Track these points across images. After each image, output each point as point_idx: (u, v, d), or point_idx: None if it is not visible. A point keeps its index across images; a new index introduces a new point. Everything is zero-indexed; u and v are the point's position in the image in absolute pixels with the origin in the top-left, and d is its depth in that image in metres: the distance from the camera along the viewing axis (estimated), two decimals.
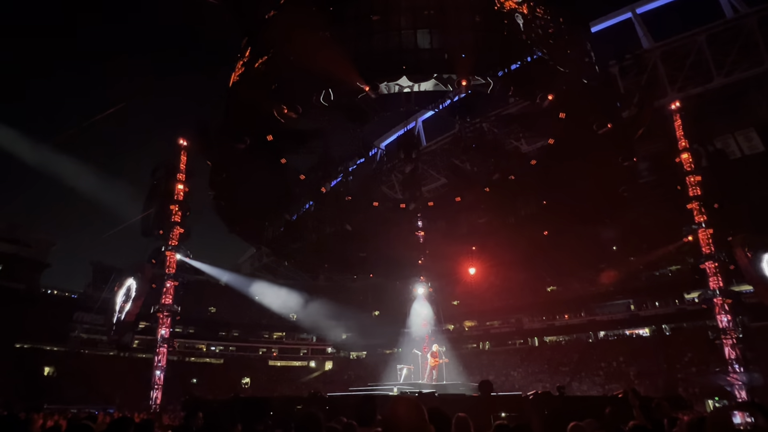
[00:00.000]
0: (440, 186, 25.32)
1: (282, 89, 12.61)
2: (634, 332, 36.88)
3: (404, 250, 22.47)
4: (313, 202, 20.73)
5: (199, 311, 40.91)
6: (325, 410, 2.92)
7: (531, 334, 41.50)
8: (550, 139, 15.91)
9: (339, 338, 47.46)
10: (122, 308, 20.77)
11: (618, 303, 37.74)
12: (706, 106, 25.08)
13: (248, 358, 45.47)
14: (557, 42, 12.66)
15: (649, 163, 23.11)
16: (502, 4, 12.08)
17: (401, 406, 1.97)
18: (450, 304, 38.43)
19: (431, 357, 18.87)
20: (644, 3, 27.68)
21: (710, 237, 18.67)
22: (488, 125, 14.64)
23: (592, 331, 38.24)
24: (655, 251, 27.08)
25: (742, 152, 27.92)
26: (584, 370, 33.60)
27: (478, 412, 8.81)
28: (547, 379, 32.36)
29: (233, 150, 14.93)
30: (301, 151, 16.49)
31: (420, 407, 1.99)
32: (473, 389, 15.26)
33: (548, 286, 40.71)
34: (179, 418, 14.34)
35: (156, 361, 19.64)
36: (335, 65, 11.83)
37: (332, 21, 12.54)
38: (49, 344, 35.80)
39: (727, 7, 24.98)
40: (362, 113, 16.09)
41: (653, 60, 25.64)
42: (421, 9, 12.27)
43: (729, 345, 17.55)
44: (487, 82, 11.99)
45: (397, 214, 21.50)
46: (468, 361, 35.52)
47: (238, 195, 17.74)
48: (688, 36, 25.38)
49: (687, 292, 32.49)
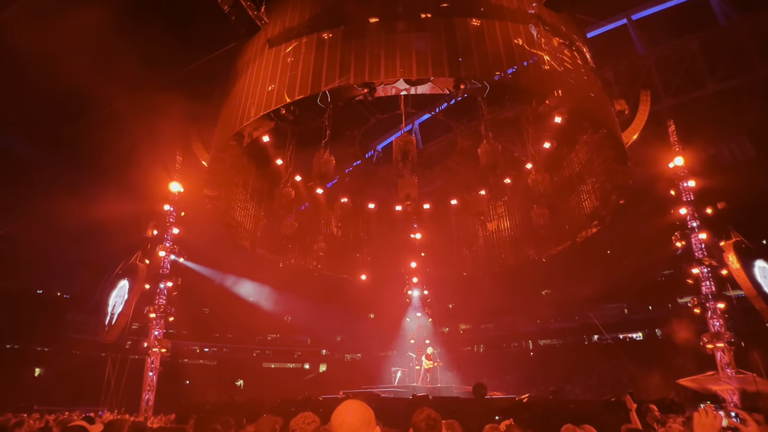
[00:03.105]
0: (436, 189, 25.37)
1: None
2: (627, 336, 37.10)
3: (399, 253, 22.50)
4: (309, 203, 20.72)
5: (192, 312, 40.63)
6: (319, 413, 2.91)
7: (525, 337, 41.59)
8: (546, 144, 16.01)
9: (333, 340, 47.36)
10: (115, 309, 20.59)
11: (612, 307, 37.96)
12: (700, 113, 25.34)
13: (242, 359, 45.18)
14: (556, 47, 12.77)
15: (643, 168, 23.31)
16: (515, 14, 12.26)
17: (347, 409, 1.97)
18: (445, 306, 38.45)
19: (425, 359, 18.88)
20: (639, 9, 27.93)
21: (703, 242, 18.83)
22: (484, 129, 14.71)
23: (585, 334, 38.42)
24: (648, 255, 27.27)
25: (735, 158, 28.24)
26: (578, 373, 33.72)
27: (471, 415, 8.82)
28: (541, 382, 32.44)
29: (230, 150, 14.90)
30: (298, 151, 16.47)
31: (364, 410, 1.98)
32: (467, 392, 15.28)
33: (542, 290, 40.87)
34: (171, 420, 14.23)
35: (149, 363, 19.48)
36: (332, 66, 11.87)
37: (332, 23, 12.59)
38: (39, 345, 35.44)
39: (720, 15, 25.26)
40: (359, 116, 16.13)
41: (648, 66, 25.87)
42: (418, 12, 12.34)
43: (721, 349, 17.68)
44: (484, 86, 12.04)
45: (393, 216, 21.54)
46: (462, 364, 35.57)
47: (233, 195, 17.70)
48: (682, 42, 25.63)
49: (680, 297, 32.75)
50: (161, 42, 17.99)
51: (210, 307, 44.39)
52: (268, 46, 13.56)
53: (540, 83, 12.35)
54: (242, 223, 18.56)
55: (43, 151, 29.96)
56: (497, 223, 21.61)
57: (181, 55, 18.92)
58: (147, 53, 18.27)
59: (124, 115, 20.39)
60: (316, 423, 2.99)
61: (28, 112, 23.42)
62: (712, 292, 18.34)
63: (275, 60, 13.09)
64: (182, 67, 19.29)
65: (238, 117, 13.39)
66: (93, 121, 21.74)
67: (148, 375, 19.25)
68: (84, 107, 21.45)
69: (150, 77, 17.51)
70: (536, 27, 12.64)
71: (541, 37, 12.60)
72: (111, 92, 17.74)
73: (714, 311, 18.12)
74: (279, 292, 37.12)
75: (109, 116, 20.78)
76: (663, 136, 20.41)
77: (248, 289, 35.71)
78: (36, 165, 31.39)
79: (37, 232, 35.57)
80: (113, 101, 18.95)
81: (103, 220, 22.54)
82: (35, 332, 34.65)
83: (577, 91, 12.95)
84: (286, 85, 12.31)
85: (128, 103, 19.32)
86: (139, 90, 18.01)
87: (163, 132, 18.03)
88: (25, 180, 32.79)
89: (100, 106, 20.05)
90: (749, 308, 19.35)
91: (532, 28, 12.47)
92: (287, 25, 13.53)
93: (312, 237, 21.14)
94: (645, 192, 22.99)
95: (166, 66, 19.29)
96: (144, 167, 20.84)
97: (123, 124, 21.21)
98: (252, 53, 14.28)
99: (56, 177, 30.30)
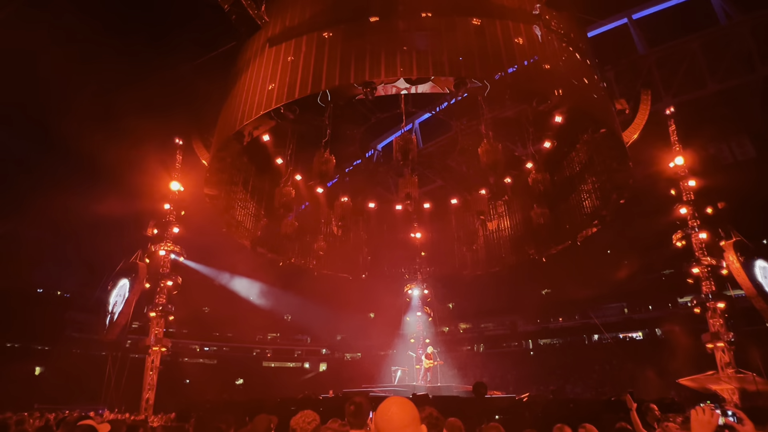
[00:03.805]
0: (436, 188, 25.38)
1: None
2: (627, 335, 37.10)
3: (399, 252, 22.50)
4: (309, 203, 20.72)
5: (192, 311, 40.63)
6: (319, 412, 2.92)
7: (525, 336, 41.60)
8: (546, 144, 16.00)
9: (333, 340, 47.38)
10: (115, 308, 20.59)
11: (612, 306, 37.97)
12: (700, 112, 25.35)
13: (242, 358, 45.21)
14: (556, 46, 12.75)
15: (643, 168, 23.31)
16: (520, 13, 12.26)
17: (393, 405, 1.88)
18: (445, 306, 38.47)
19: (426, 359, 18.88)
20: (640, 9, 27.91)
21: (703, 242, 18.82)
22: (485, 128, 14.70)
23: (585, 334, 38.43)
24: (648, 255, 27.27)
25: (735, 158, 28.24)
26: (578, 372, 33.73)
27: (471, 414, 8.82)
28: (541, 381, 32.47)
29: (230, 149, 14.90)
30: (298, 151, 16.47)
31: (412, 407, 1.91)
32: (467, 391, 15.29)
33: (543, 289, 40.88)
34: (171, 419, 14.24)
35: (149, 362, 19.49)
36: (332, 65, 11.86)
37: (332, 22, 12.57)
38: (40, 344, 35.46)
39: (721, 14, 25.25)
40: (360, 115, 16.12)
41: (648, 65, 25.86)
42: (418, 11, 12.32)
43: (721, 349, 17.68)
44: (484, 85, 12.03)
45: (393, 215, 21.53)
46: (462, 363, 35.61)
47: (234, 194, 17.70)
48: (683, 42, 25.62)
49: (680, 296, 32.75)
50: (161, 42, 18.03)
51: (210, 307, 44.38)
52: (268, 45, 13.55)
53: (540, 82, 12.33)
54: (242, 222, 18.56)
55: (43, 151, 29.97)
56: (497, 223, 21.60)
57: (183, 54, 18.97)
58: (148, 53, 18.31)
59: (125, 114, 20.43)
60: (317, 422, 2.99)
61: (27, 111, 23.53)
62: (712, 292, 18.33)
63: (275, 59, 13.07)
64: (183, 66, 19.33)
65: (238, 116, 13.38)
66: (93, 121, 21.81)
67: (148, 374, 19.26)
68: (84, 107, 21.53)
69: (151, 75, 17.55)
70: (537, 26, 12.63)
71: (541, 36, 12.58)
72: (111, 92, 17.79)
73: (714, 311, 18.12)
74: (279, 292, 37.13)
75: (109, 116, 20.84)
76: (663, 135, 20.39)
77: (248, 288, 35.71)
78: (36, 164, 31.39)
79: (37, 230, 35.58)
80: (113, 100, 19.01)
81: (103, 219, 22.55)
82: (35, 331, 34.70)
83: (577, 90, 12.93)
84: (287, 84, 12.29)
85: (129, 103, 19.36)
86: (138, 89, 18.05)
87: (164, 132, 18.06)
88: (26, 179, 32.79)
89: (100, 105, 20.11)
90: (749, 308, 19.34)
91: (536, 29, 12.45)
92: (288, 23, 13.51)
93: (312, 236, 21.13)
94: (645, 191, 23.02)
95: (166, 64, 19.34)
96: (144, 166, 20.88)
97: (123, 124, 21.25)
98: (252, 52, 14.26)
99: (57, 176, 30.32)
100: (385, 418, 1.84)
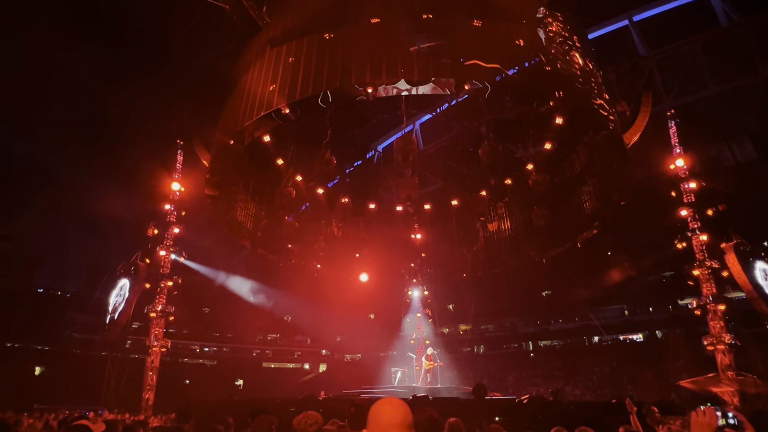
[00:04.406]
0: (437, 189, 25.39)
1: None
2: (627, 337, 37.05)
3: (400, 253, 22.49)
4: (309, 203, 20.72)
5: (193, 312, 40.65)
6: (319, 413, 2.92)
7: (525, 338, 41.54)
8: (547, 145, 16.00)
9: (333, 340, 47.33)
10: (115, 308, 20.60)
11: (612, 308, 37.92)
12: (701, 114, 25.34)
13: (242, 359, 45.18)
14: (557, 47, 12.75)
15: (644, 170, 23.30)
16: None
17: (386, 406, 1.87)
18: (445, 307, 38.45)
19: (426, 360, 18.87)
20: (641, 11, 27.92)
21: (703, 244, 18.79)
22: (485, 129, 14.71)
23: (586, 335, 38.37)
24: (649, 257, 27.23)
25: (736, 160, 28.22)
26: (578, 374, 33.69)
27: (472, 416, 8.81)
28: (541, 383, 32.43)
29: (230, 150, 14.91)
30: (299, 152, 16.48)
31: (406, 411, 1.87)
32: (467, 393, 15.27)
33: (543, 291, 40.85)
34: (170, 419, 14.23)
35: (149, 362, 19.49)
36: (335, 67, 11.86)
37: (333, 23, 12.57)
38: (40, 343, 35.44)
39: (722, 16, 25.25)
40: (360, 116, 16.12)
41: (649, 67, 25.86)
42: (419, 13, 12.33)
43: (721, 351, 17.65)
44: (485, 87, 12.03)
45: (393, 216, 21.53)
46: (462, 365, 35.58)
47: (234, 195, 17.70)
48: (684, 44, 25.62)
49: (680, 298, 32.70)
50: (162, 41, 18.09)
51: (210, 307, 44.39)
52: (269, 46, 13.56)
53: (541, 84, 12.32)
54: (243, 222, 18.55)
55: (44, 151, 30.01)
56: (498, 224, 21.57)
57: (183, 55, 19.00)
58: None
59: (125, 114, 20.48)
60: (319, 423, 2.99)
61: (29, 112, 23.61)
62: (712, 294, 18.30)
63: (277, 60, 13.08)
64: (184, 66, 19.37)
65: (239, 117, 13.39)
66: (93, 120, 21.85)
67: (148, 374, 19.25)
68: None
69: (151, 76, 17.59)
70: (539, 28, 12.63)
71: (543, 38, 12.58)
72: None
73: (714, 313, 18.09)
74: (279, 292, 37.13)
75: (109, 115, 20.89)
76: (664, 137, 20.38)
77: (248, 289, 35.70)
78: (38, 164, 31.44)
79: (37, 231, 35.59)
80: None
81: (104, 219, 22.59)
82: (36, 331, 34.67)
83: (578, 92, 12.92)
84: (288, 84, 12.30)
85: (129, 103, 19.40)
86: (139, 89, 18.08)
87: (165, 132, 18.09)
88: (27, 179, 32.83)
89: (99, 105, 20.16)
90: (750, 310, 19.31)
91: (540, 30, 12.45)
92: (289, 25, 13.52)
93: (312, 237, 21.12)
94: (646, 193, 23.02)
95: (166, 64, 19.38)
96: (145, 167, 20.91)
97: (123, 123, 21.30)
98: (253, 53, 14.27)
99: (58, 177, 30.37)
100: (374, 415, 1.86)
